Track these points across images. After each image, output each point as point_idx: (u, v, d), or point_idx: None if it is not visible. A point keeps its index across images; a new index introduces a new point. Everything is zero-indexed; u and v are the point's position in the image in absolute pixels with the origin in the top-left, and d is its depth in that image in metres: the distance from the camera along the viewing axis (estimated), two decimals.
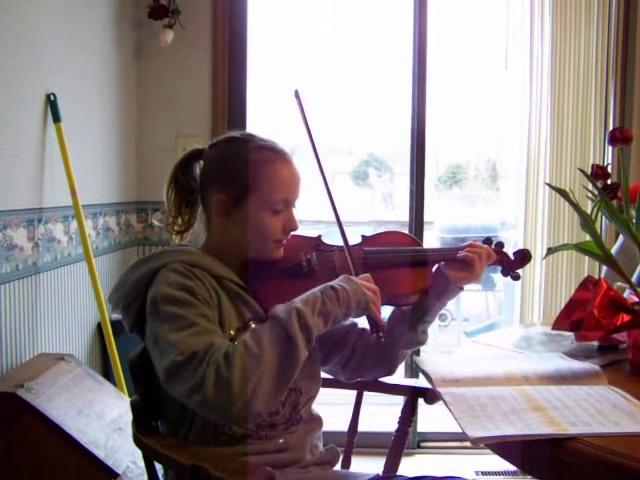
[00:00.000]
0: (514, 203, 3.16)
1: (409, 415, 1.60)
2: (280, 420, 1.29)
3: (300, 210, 1.39)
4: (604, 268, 1.82)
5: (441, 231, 5.20)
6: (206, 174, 1.37)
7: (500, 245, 1.50)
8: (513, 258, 1.51)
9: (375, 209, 5.98)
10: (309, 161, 1.40)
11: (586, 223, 1.48)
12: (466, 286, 1.45)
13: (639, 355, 1.36)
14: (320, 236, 1.46)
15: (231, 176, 1.32)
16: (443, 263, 1.44)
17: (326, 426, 1.44)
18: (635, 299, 1.47)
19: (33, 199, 2.11)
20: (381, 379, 1.55)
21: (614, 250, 1.81)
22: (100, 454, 1.77)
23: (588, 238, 1.54)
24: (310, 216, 3.76)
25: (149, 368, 1.24)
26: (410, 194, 3.05)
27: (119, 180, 2.85)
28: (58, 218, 2.28)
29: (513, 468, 2.67)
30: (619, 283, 1.58)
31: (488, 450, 1.08)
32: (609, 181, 1.59)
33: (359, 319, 1.43)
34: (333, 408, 2.28)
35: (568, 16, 2.94)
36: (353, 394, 1.64)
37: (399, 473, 1.52)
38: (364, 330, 1.48)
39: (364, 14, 4.43)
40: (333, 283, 1.24)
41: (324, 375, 1.50)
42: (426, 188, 3.05)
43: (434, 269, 1.45)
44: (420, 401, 1.61)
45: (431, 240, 4.71)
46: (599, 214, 1.51)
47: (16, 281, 2.00)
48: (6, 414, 1.71)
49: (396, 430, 1.60)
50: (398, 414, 1.61)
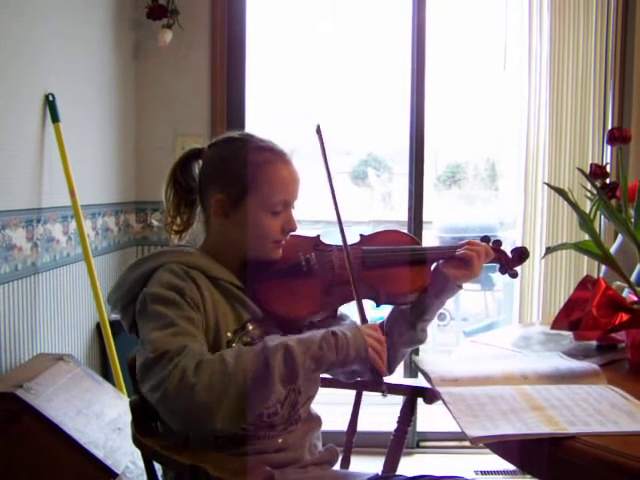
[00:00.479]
0: (513, 203, 3.16)
1: (408, 415, 1.60)
2: (279, 420, 1.29)
3: (299, 210, 1.39)
4: (603, 267, 1.82)
5: (440, 231, 5.20)
6: (205, 174, 1.37)
7: (498, 243, 1.50)
8: (511, 256, 1.52)
9: (374, 209, 5.97)
10: (308, 161, 1.40)
11: (585, 222, 1.48)
12: (465, 285, 1.45)
13: (638, 354, 1.36)
14: (319, 236, 1.46)
15: (230, 177, 1.32)
16: (442, 261, 1.44)
17: (325, 426, 1.44)
18: (634, 298, 1.47)
19: (32, 199, 2.11)
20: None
21: (613, 249, 1.81)
22: (99, 454, 1.77)
23: (587, 237, 1.54)
24: (309, 216, 3.76)
25: None
26: (409, 194, 3.05)
27: (118, 180, 2.85)
28: (57, 218, 2.28)
29: (512, 467, 2.67)
30: (618, 282, 1.58)
31: (487, 449, 1.08)
32: (608, 180, 1.59)
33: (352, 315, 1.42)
34: (332, 408, 2.28)
35: (567, 16, 2.94)
36: (352, 394, 1.64)
37: (398, 473, 1.52)
38: None
39: (363, 13, 4.43)
40: (336, 329, 1.21)
41: (323, 375, 1.49)
42: (425, 188, 3.05)
43: (433, 267, 1.45)
44: (419, 401, 1.61)
45: (430, 240, 4.70)
46: (598, 213, 1.51)
47: (15, 281, 2.00)
48: (5, 414, 1.71)
49: (395, 430, 1.60)
50: (397, 414, 1.61)
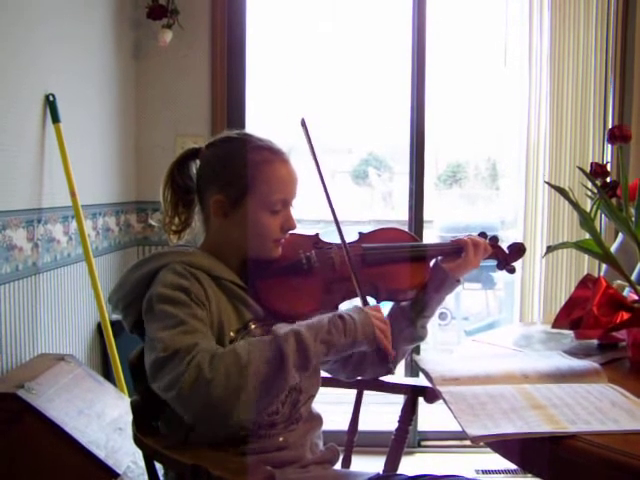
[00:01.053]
0: (514, 202, 3.16)
1: (409, 414, 1.60)
2: (280, 419, 1.29)
3: (299, 209, 1.39)
4: (603, 266, 1.82)
5: (441, 230, 5.20)
6: (203, 174, 1.37)
7: (494, 239, 1.51)
8: (508, 251, 1.53)
9: (375, 208, 5.97)
10: (307, 160, 1.40)
11: (585, 221, 1.48)
12: (466, 284, 1.45)
13: (638, 353, 1.36)
14: (318, 234, 1.46)
15: (229, 177, 1.32)
16: (440, 258, 1.45)
17: (326, 425, 1.44)
18: (634, 297, 1.47)
19: (32, 199, 2.11)
20: (381, 378, 1.54)
21: (613, 248, 1.81)
22: (100, 454, 1.77)
23: (587, 236, 1.54)
24: (309, 215, 3.76)
25: None
26: (410, 193, 3.05)
27: (118, 180, 2.85)
28: (57, 218, 2.28)
29: (513, 466, 2.67)
30: (618, 281, 1.58)
31: (488, 449, 1.08)
32: (608, 179, 1.59)
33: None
34: (333, 407, 2.29)
35: (567, 13, 2.94)
36: (353, 393, 1.64)
37: (399, 472, 1.52)
38: None
39: (363, 13, 4.43)
40: (342, 312, 1.22)
41: (324, 374, 1.50)
42: (426, 187, 3.06)
43: (432, 263, 1.46)
44: (420, 400, 1.61)
45: (431, 239, 4.71)
46: (598, 212, 1.51)
47: (16, 282, 2.00)
48: (6, 414, 1.71)
49: (396, 429, 1.60)
50: (398, 413, 1.61)
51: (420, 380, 1.59)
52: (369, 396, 1.65)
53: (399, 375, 2.65)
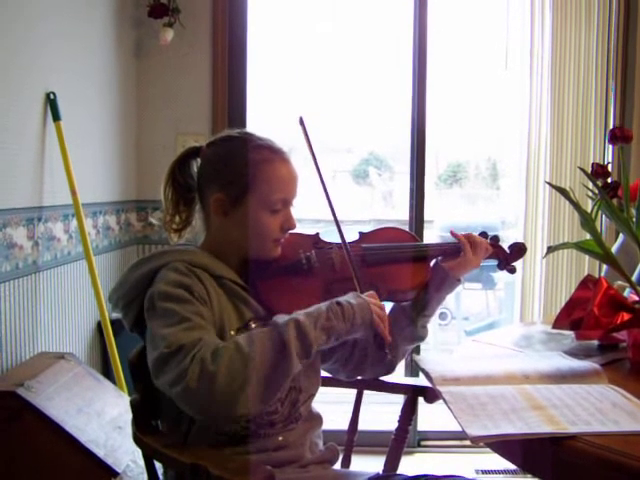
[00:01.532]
0: (514, 202, 3.16)
1: (409, 414, 1.60)
2: (279, 418, 1.29)
3: (300, 209, 1.39)
4: (604, 267, 1.82)
5: (441, 230, 5.20)
6: (204, 173, 1.37)
7: (495, 239, 1.51)
8: (509, 251, 1.53)
9: (375, 208, 5.98)
10: (307, 160, 1.40)
11: (586, 222, 1.48)
12: (466, 284, 1.45)
13: (639, 354, 1.36)
14: (318, 234, 1.46)
15: (230, 176, 1.32)
16: (440, 257, 1.45)
17: (326, 425, 1.44)
18: (635, 298, 1.47)
19: (33, 198, 2.11)
20: (381, 378, 1.54)
21: (614, 249, 1.81)
22: (100, 453, 1.77)
23: (588, 237, 1.54)
24: (310, 215, 3.76)
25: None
26: (410, 193, 3.04)
27: (119, 179, 2.85)
28: (58, 217, 2.28)
29: (513, 467, 2.67)
30: (619, 282, 1.57)
31: (488, 449, 1.08)
32: (609, 180, 1.59)
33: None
34: (333, 407, 2.28)
35: (568, 15, 2.93)
36: (353, 393, 1.64)
37: (399, 472, 1.52)
38: None
39: (364, 12, 4.43)
40: (340, 299, 1.23)
41: (324, 374, 1.50)
42: (426, 187, 3.05)
43: (432, 263, 1.46)
44: (420, 400, 1.61)
45: (431, 239, 4.72)
46: (599, 213, 1.51)
47: (16, 280, 2.00)
48: (6, 413, 1.71)
49: (396, 429, 1.60)
50: (398, 413, 1.61)
51: (420, 380, 1.59)
52: (369, 396, 1.65)
53: (399, 375, 2.65)
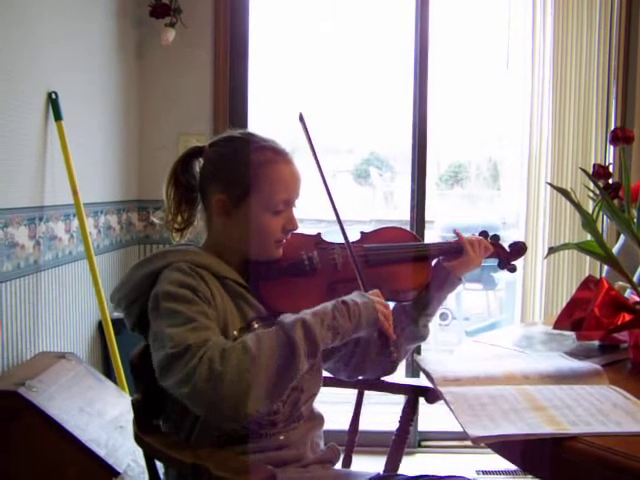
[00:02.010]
0: (515, 202, 3.16)
1: (410, 414, 1.60)
2: (280, 418, 1.29)
3: (302, 209, 1.39)
4: (605, 268, 1.82)
5: (442, 230, 5.20)
6: (206, 173, 1.37)
7: (496, 238, 1.52)
8: (509, 250, 1.54)
9: (376, 208, 5.98)
10: (309, 160, 1.40)
11: (587, 222, 1.48)
12: (467, 285, 1.46)
13: None
14: (320, 234, 1.46)
15: (232, 177, 1.32)
16: (442, 257, 1.46)
17: (327, 425, 1.44)
18: (636, 298, 1.47)
19: (34, 197, 2.12)
20: (382, 378, 1.54)
21: (615, 250, 1.81)
22: (101, 452, 1.77)
23: (589, 238, 1.54)
24: (312, 215, 3.76)
25: (151, 366, 1.24)
26: (411, 193, 3.04)
27: (120, 178, 2.85)
28: (59, 216, 2.29)
29: (514, 467, 2.67)
30: (620, 283, 1.57)
31: (489, 449, 1.08)
32: (610, 181, 1.59)
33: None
34: (334, 407, 2.28)
35: (570, 15, 2.93)
36: (354, 393, 1.64)
37: (400, 472, 1.52)
38: None
39: (366, 13, 4.43)
40: (345, 297, 1.24)
41: (325, 374, 1.50)
42: (427, 187, 3.05)
43: (434, 263, 1.46)
44: (421, 400, 1.61)
45: (432, 239, 4.70)
46: (600, 214, 1.51)
47: (17, 279, 2.00)
48: (7, 412, 1.71)
49: (397, 429, 1.59)
50: (399, 413, 1.61)
51: (421, 380, 1.59)
52: (370, 396, 1.65)
53: (400, 375, 2.65)
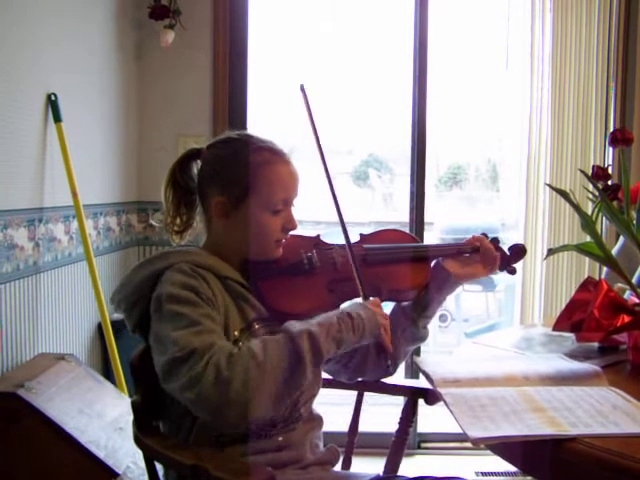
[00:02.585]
0: (514, 204, 3.16)
1: (409, 415, 1.60)
2: (279, 419, 1.29)
3: (301, 211, 1.39)
4: (604, 269, 1.82)
5: (441, 232, 5.20)
6: (205, 175, 1.37)
7: (495, 240, 1.52)
8: (509, 253, 1.54)
9: (375, 210, 5.98)
10: (309, 159, 1.40)
11: (587, 224, 1.48)
12: (466, 286, 1.46)
13: (639, 356, 1.36)
14: (319, 235, 1.46)
15: (231, 178, 1.32)
16: (442, 258, 1.46)
17: (326, 426, 1.44)
18: (635, 300, 1.47)
19: (34, 199, 2.11)
20: (382, 380, 1.54)
21: (614, 251, 1.81)
22: (100, 454, 1.77)
23: (589, 239, 1.54)
24: (311, 217, 3.76)
25: (151, 368, 1.24)
26: (410, 195, 3.04)
27: (120, 180, 2.85)
28: (59, 218, 2.28)
29: (513, 469, 2.66)
30: (619, 284, 1.57)
31: (488, 451, 1.08)
32: (610, 182, 1.59)
33: None
34: (334, 408, 2.29)
35: (569, 16, 2.94)
36: (354, 394, 1.64)
37: (399, 474, 1.52)
38: None
39: (365, 14, 4.43)
40: (350, 310, 1.25)
41: (325, 375, 1.50)
42: (426, 189, 3.05)
43: (433, 263, 1.46)
44: (420, 402, 1.61)
45: (431, 241, 4.72)
46: (600, 215, 1.51)
47: (17, 281, 2.00)
48: (6, 414, 1.71)
49: (396, 430, 1.59)
50: (399, 414, 1.61)
51: (420, 382, 1.59)
52: (370, 397, 1.65)
53: (399, 377, 2.65)
